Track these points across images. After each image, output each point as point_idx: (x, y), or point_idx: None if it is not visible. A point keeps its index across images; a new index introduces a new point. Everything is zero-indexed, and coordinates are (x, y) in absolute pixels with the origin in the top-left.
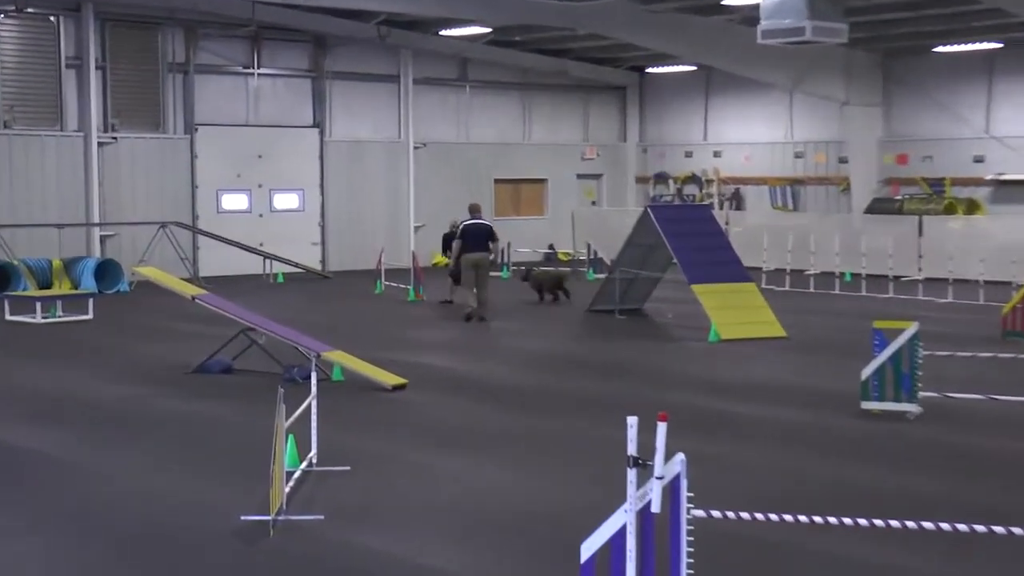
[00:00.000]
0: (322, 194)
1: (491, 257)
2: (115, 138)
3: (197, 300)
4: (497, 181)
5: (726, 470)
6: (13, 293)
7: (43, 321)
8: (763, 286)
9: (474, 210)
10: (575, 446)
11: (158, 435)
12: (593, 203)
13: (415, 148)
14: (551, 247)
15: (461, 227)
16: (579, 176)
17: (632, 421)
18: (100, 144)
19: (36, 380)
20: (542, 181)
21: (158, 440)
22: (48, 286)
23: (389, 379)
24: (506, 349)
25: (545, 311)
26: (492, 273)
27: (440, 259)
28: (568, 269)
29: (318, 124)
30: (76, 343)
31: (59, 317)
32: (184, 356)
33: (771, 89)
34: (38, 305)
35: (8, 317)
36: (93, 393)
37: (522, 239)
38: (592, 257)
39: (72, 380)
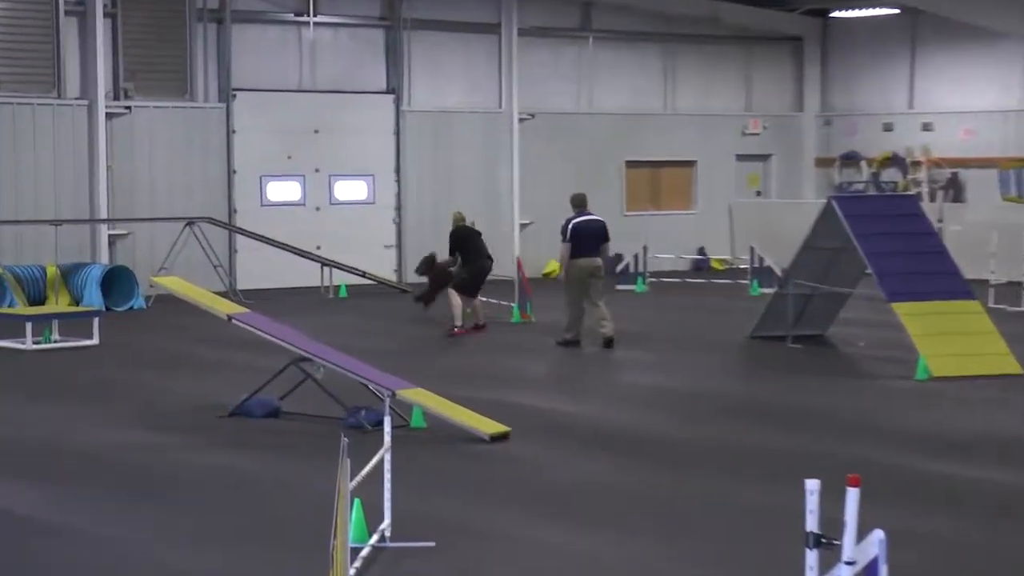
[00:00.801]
0: (398, 181)
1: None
2: (128, 108)
3: (234, 320)
4: (629, 164)
5: (940, 553)
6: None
7: (34, 347)
8: (990, 305)
9: (581, 203)
10: (728, 517)
11: (181, 498)
12: (758, 193)
13: (520, 120)
14: (701, 252)
15: (570, 226)
16: (739, 158)
17: (812, 485)
18: (109, 115)
19: (23, 425)
20: (689, 164)
21: (181, 505)
22: (41, 301)
23: (486, 426)
24: (636, 387)
25: (690, 337)
26: (624, 286)
27: (555, 267)
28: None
29: (393, 89)
30: (76, 376)
31: (55, 342)
32: (217, 394)
33: (1001, 40)
34: (28, 327)
35: None
36: (97, 442)
37: (662, 241)
38: (756, 266)
39: (70, 425)
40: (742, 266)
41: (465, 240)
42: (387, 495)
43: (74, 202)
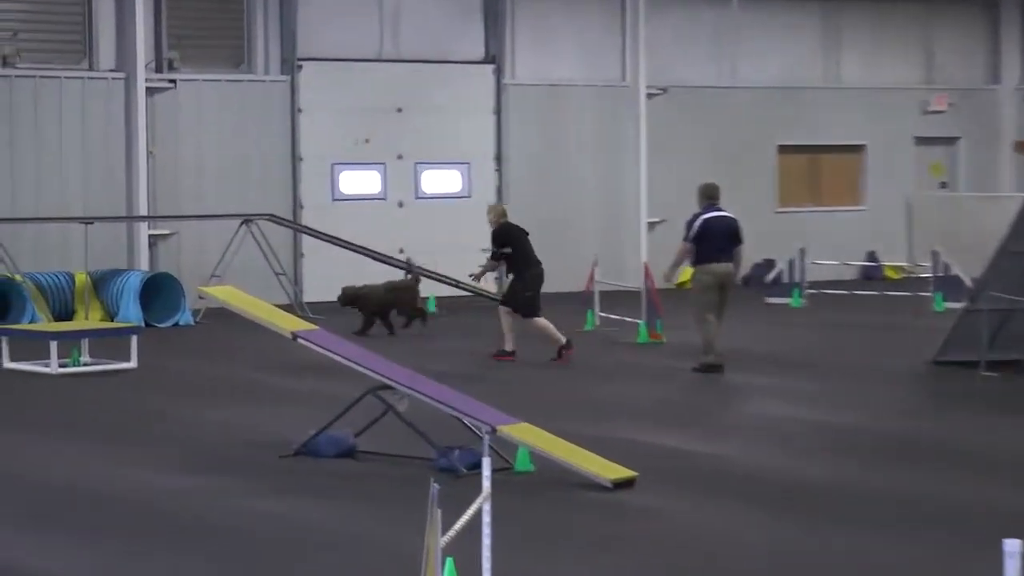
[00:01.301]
0: (499, 170)
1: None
2: (173, 82)
3: (300, 339)
4: (783, 150)
5: None
6: (14, 327)
7: (60, 371)
8: None
9: (712, 195)
10: None
11: (235, 552)
12: (943, 185)
13: (649, 96)
14: (872, 258)
15: (698, 222)
16: (919, 141)
17: (1012, 547)
18: (150, 91)
19: (48, 465)
20: (857, 150)
21: (240, 562)
22: (68, 316)
23: (608, 470)
24: (791, 423)
25: (857, 363)
26: (775, 299)
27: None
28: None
29: (493, 59)
30: (110, 406)
31: (85, 365)
32: (279, 429)
33: None
34: (53, 346)
35: (8, 364)
36: (138, 487)
37: (823, 245)
38: (940, 275)
39: (105, 466)
40: (923, 275)
41: (518, 240)
42: (486, 554)
43: (108, 196)
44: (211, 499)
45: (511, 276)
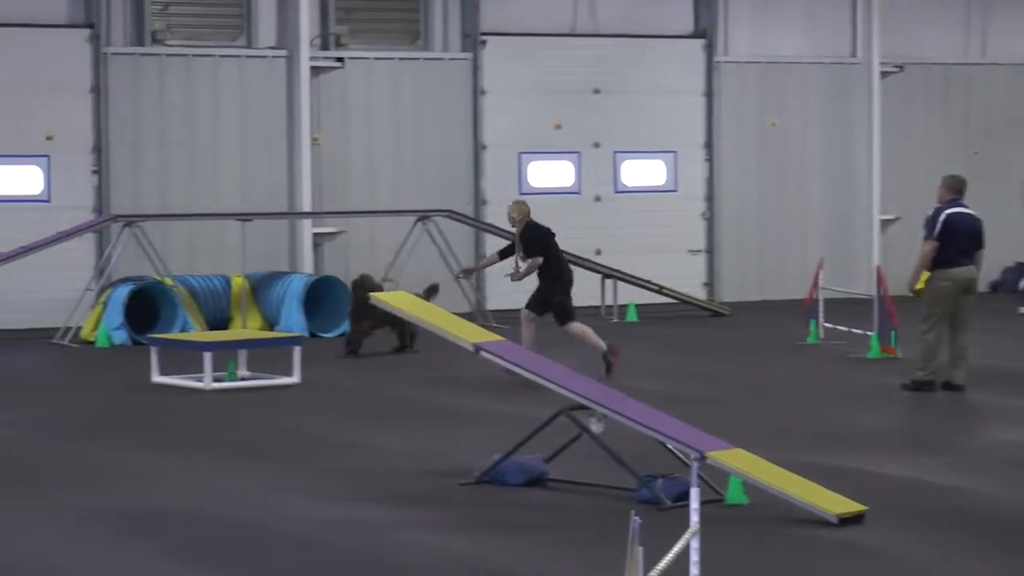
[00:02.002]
0: (709, 159)
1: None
2: (340, 60)
3: (483, 352)
4: None
5: None
6: (164, 336)
7: (215, 387)
8: None
9: (958, 189)
10: None
11: None
12: None
13: (883, 75)
14: None
15: (942, 218)
16: None
17: None
18: (315, 71)
19: (202, 491)
20: None
21: None
22: (223, 324)
23: (832, 504)
24: None
25: None
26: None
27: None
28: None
29: (704, 33)
30: (269, 426)
31: (242, 380)
32: (460, 454)
33: None
34: (206, 358)
35: (157, 379)
36: (295, 515)
37: None
38: None
39: (259, 493)
40: None
41: (551, 241)
42: None
43: (267, 189)
44: (381, 532)
45: (540, 279)
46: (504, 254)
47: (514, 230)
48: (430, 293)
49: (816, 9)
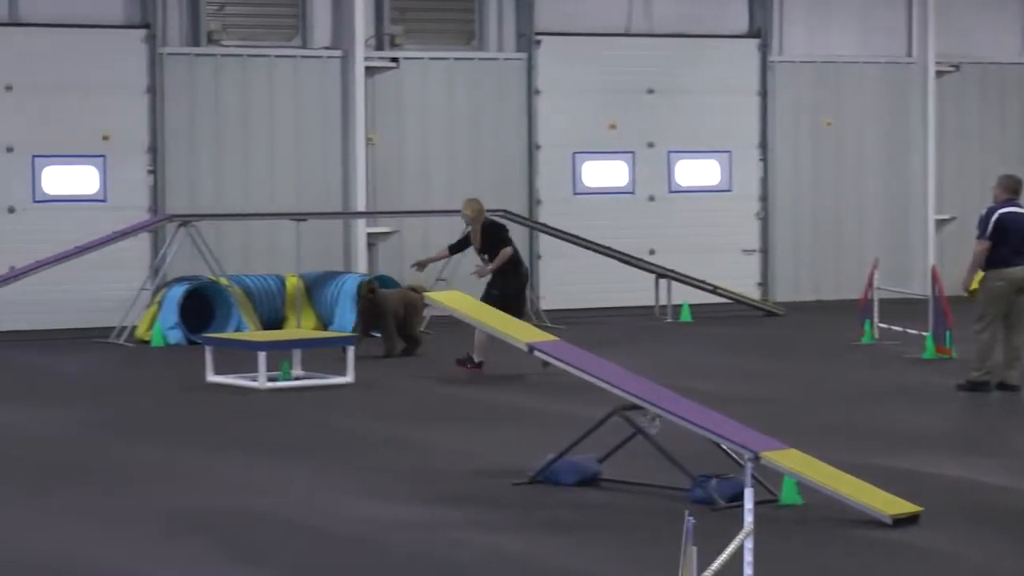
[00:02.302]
0: (763, 159)
1: None
2: (395, 60)
3: (537, 352)
4: None
5: None
6: (218, 336)
7: (269, 386)
8: None
9: (1014, 188)
10: None
11: None
12: None
13: (939, 74)
14: None
15: (995, 217)
16: None
17: None
18: (370, 71)
19: (251, 490)
20: None
21: None
22: (278, 324)
23: (887, 504)
24: None
25: None
26: None
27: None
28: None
29: (758, 32)
30: (323, 426)
31: (296, 379)
32: (512, 453)
33: None
34: (260, 358)
35: (211, 378)
36: (350, 516)
37: None
38: None
39: (314, 493)
40: None
41: (509, 236)
42: None
43: (322, 189)
44: (435, 532)
45: (499, 273)
46: (454, 250)
47: (468, 228)
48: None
49: (871, 9)
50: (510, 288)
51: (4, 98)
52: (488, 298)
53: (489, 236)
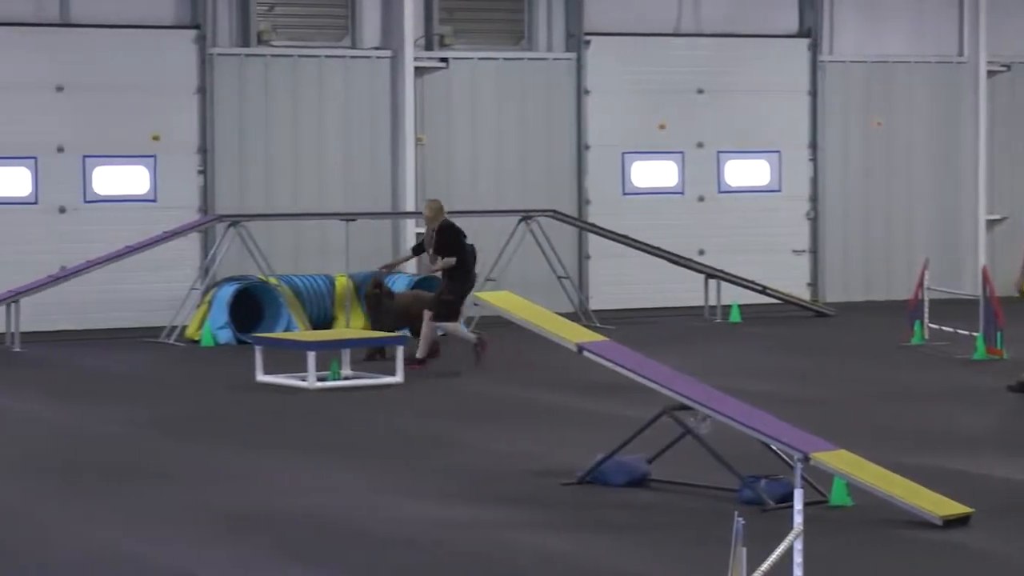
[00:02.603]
0: (813, 159)
1: None
2: (444, 60)
3: (587, 352)
4: None
5: None
6: (268, 335)
7: (318, 386)
8: None
9: None
10: None
11: None
12: None
13: (990, 74)
14: None
15: None
16: None
17: None
18: (419, 71)
19: (305, 492)
20: None
21: None
22: (327, 324)
23: (937, 505)
24: None
25: None
26: None
27: None
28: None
29: (809, 32)
30: (373, 426)
31: (345, 379)
32: (561, 454)
33: None
34: (310, 357)
35: (261, 377)
36: (405, 518)
37: None
38: None
39: (364, 493)
40: None
41: (464, 243)
42: None
43: (371, 189)
44: (485, 532)
45: (447, 278)
46: (417, 250)
47: (424, 228)
48: (376, 287)
49: (922, 8)
50: (461, 294)
51: (55, 99)
52: (440, 305)
53: (441, 238)
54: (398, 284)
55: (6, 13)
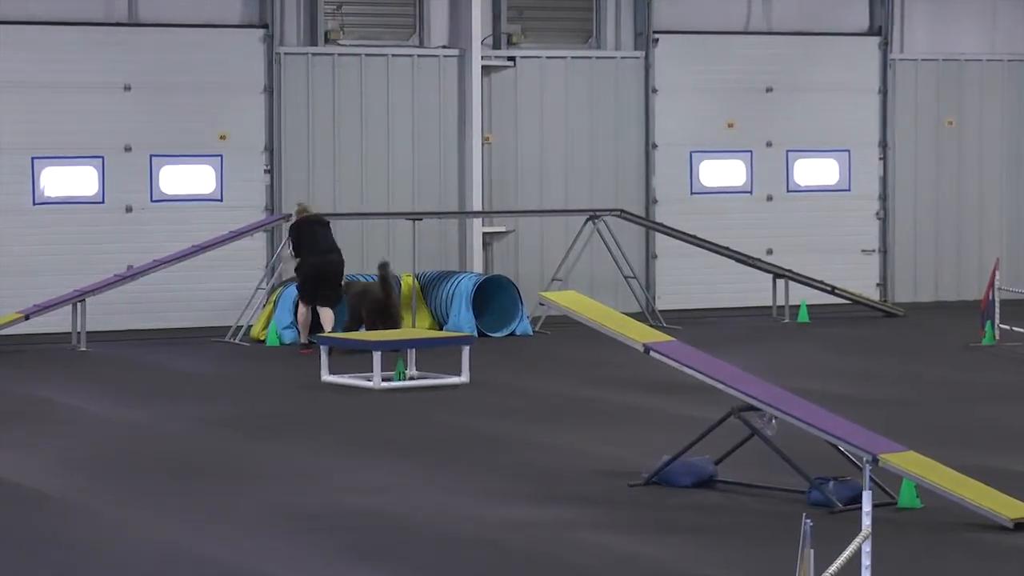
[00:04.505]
0: (883, 158)
1: None
2: (512, 59)
3: (653, 353)
4: None
5: None
6: (333, 335)
7: (384, 386)
8: None
9: None
10: None
11: None
12: None
13: None
14: None
15: None
16: None
17: None
18: (487, 70)
19: (372, 490)
20: None
21: None
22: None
23: (1008, 508)
24: None
25: None
26: None
27: None
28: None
29: (879, 30)
30: (438, 426)
31: (410, 379)
32: (628, 455)
33: None
34: (375, 357)
35: (326, 377)
36: (471, 518)
37: None
38: None
39: (430, 493)
40: None
41: (307, 233)
42: None
43: (438, 188)
44: (552, 532)
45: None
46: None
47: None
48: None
49: (995, 6)
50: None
51: (123, 98)
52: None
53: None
54: (465, 283)
55: (75, 13)
